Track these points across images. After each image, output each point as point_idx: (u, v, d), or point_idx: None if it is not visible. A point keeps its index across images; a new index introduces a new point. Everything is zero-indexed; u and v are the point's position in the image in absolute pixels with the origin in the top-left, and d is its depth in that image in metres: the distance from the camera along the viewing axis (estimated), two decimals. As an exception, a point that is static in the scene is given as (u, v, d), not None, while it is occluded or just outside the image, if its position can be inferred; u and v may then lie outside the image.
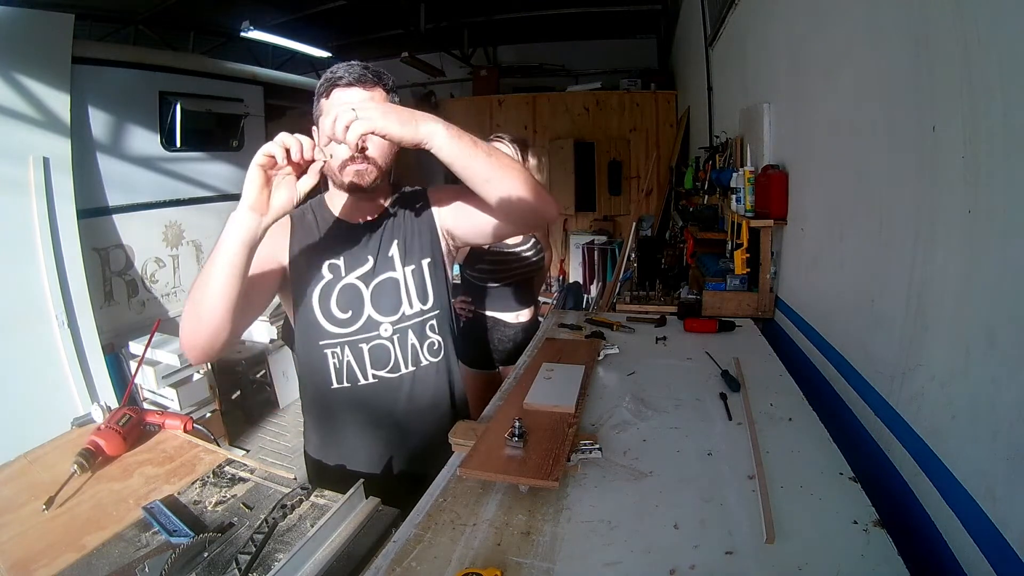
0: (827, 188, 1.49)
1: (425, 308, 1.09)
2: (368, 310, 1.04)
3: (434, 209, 1.12)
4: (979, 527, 0.74)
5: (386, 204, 1.10)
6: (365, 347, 1.05)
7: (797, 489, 0.81)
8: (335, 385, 1.06)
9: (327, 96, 0.98)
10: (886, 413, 1.06)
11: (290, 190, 0.82)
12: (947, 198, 0.88)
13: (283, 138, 0.77)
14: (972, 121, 0.81)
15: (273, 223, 0.83)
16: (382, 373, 1.06)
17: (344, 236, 1.06)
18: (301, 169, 0.82)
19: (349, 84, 0.96)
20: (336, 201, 1.08)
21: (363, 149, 0.95)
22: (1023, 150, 0.71)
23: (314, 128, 1.01)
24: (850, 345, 1.29)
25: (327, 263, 1.03)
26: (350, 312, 1.04)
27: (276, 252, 1.01)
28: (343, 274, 1.03)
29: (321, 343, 1.04)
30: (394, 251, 1.07)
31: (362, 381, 1.05)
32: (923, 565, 0.79)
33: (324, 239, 1.05)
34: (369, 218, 1.08)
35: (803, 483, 0.83)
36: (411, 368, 1.08)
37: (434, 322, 1.11)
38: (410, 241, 1.09)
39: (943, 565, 0.81)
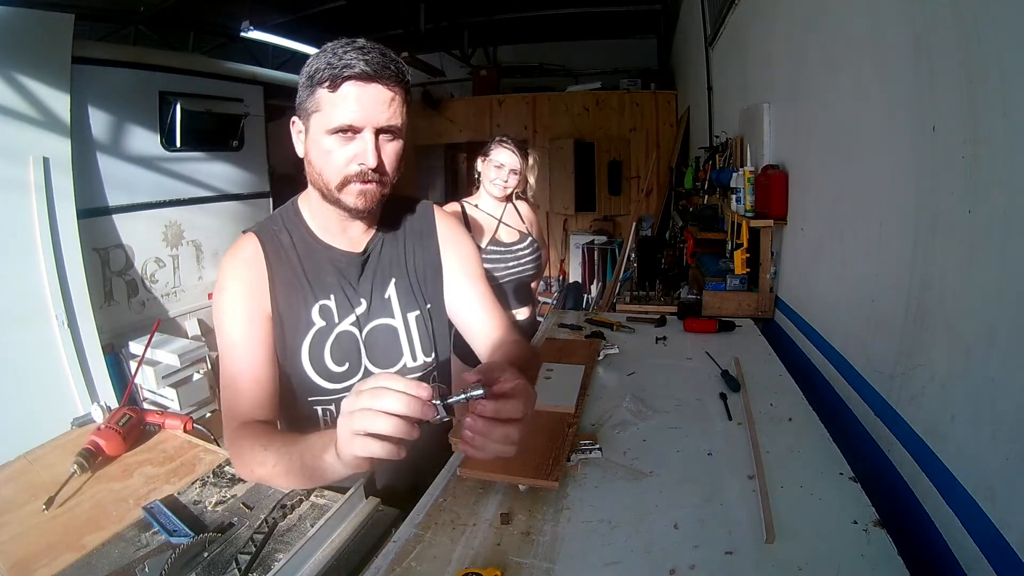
0: (827, 188, 1.49)
1: (429, 360, 0.95)
2: (364, 361, 0.89)
3: (440, 241, 0.97)
4: (979, 527, 0.74)
5: (380, 219, 0.91)
6: None
7: (797, 489, 0.81)
8: None
9: (332, 87, 0.74)
10: (886, 413, 1.06)
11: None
12: (947, 198, 0.88)
13: (404, 391, 0.54)
14: (972, 121, 0.81)
15: None
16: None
17: (333, 268, 0.86)
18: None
19: (367, 77, 0.74)
20: (314, 212, 0.86)
21: (378, 168, 0.77)
22: (1023, 150, 0.71)
23: (294, 121, 0.81)
24: (850, 345, 1.29)
25: (318, 306, 0.85)
26: (347, 365, 0.88)
27: (263, 305, 0.83)
28: (336, 320, 0.86)
29: (311, 399, 0.88)
30: (391, 291, 0.90)
31: None
32: (923, 565, 0.79)
33: (309, 273, 0.85)
34: (361, 239, 0.89)
35: (803, 483, 0.83)
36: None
37: (436, 374, 0.97)
38: (412, 279, 0.93)
39: (943, 565, 0.81)
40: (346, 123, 0.75)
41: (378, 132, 0.77)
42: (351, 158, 0.78)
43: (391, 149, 0.80)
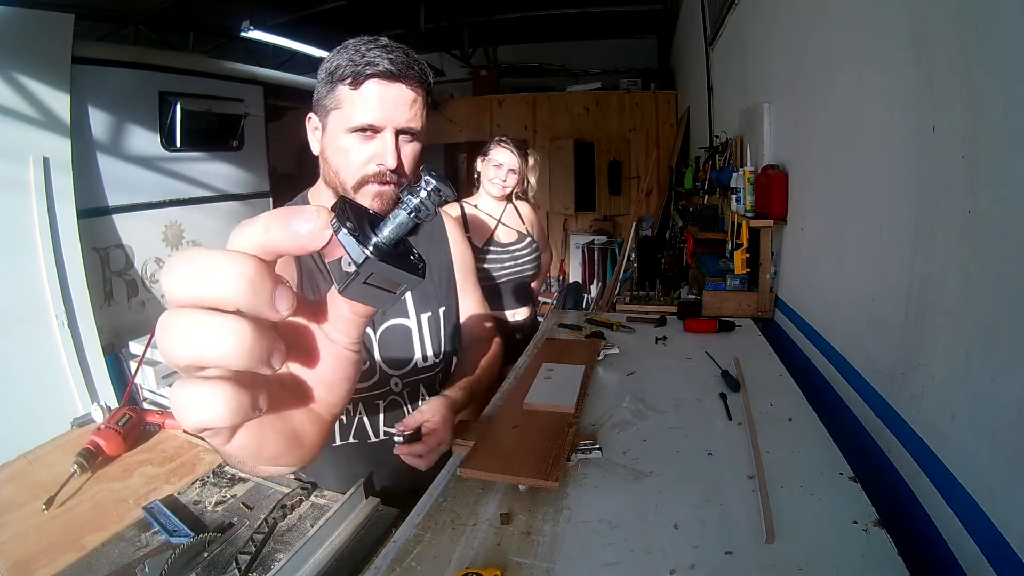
0: (827, 188, 1.49)
1: (438, 361, 0.97)
2: (377, 360, 0.90)
3: (451, 244, 0.99)
4: (979, 527, 0.74)
5: None
6: (382, 403, 0.92)
7: (797, 489, 0.81)
8: (338, 443, 0.92)
9: (354, 85, 0.72)
10: (886, 413, 1.06)
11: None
12: (947, 198, 0.88)
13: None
14: (972, 121, 0.81)
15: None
16: (394, 430, 0.94)
17: None
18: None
19: (391, 76, 0.73)
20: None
21: (397, 169, 0.74)
22: (1023, 150, 0.71)
23: (310, 118, 0.80)
24: (850, 345, 1.29)
25: None
26: (367, 364, 0.89)
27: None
28: None
29: None
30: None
31: (372, 439, 0.94)
32: (923, 565, 0.79)
33: (328, 272, 0.84)
34: None
35: (803, 483, 0.83)
36: None
37: (441, 375, 1.00)
38: (428, 280, 0.92)
39: (943, 565, 0.81)
40: (367, 122, 0.74)
41: (398, 133, 0.76)
42: (369, 158, 0.76)
43: (410, 151, 0.78)
